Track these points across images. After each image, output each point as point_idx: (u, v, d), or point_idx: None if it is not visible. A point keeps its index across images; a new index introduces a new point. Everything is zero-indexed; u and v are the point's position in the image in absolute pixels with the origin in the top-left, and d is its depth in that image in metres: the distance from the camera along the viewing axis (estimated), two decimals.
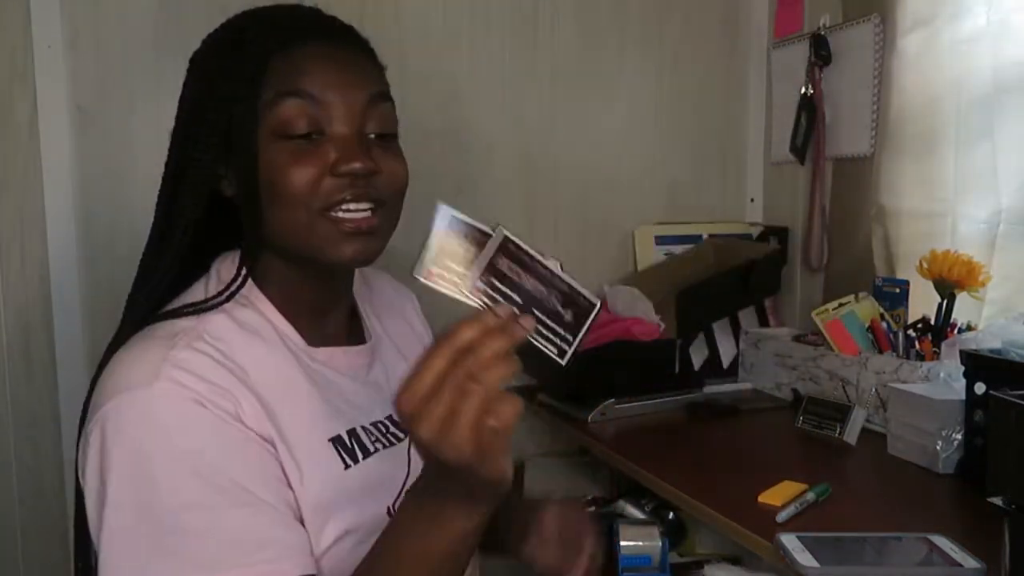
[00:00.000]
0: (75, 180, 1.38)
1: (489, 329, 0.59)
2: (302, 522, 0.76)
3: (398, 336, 0.99)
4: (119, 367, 0.75)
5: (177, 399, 0.72)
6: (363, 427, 0.85)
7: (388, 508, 0.84)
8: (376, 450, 0.85)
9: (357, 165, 0.78)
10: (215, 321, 0.79)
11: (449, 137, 1.60)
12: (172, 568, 0.68)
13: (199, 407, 0.72)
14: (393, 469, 0.86)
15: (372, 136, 0.82)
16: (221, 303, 0.81)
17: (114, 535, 0.70)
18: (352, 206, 0.79)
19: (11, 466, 1.39)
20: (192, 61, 0.85)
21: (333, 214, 0.79)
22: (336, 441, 0.82)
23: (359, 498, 0.81)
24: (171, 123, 1.21)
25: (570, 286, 0.64)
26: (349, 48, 0.83)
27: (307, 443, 0.79)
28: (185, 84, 0.85)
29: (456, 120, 1.60)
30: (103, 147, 1.39)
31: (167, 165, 0.84)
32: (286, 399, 0.78)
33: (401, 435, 0.89)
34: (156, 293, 0.83)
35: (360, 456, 0.83)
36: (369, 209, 0.80)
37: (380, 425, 0.88)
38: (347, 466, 0.81)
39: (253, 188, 0.79)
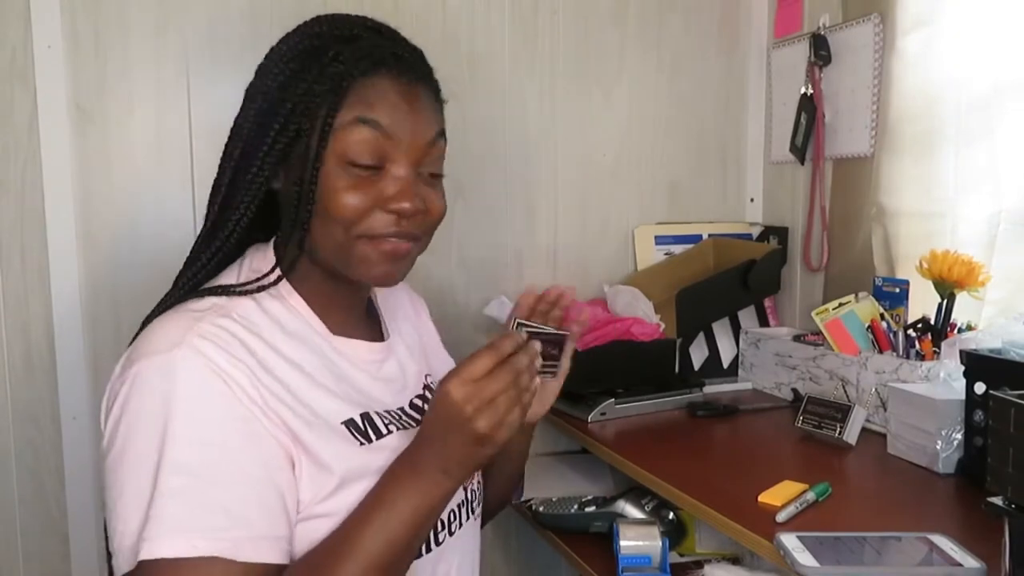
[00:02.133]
0: (75, 180, 1.38)
1: (520, 345, 0.79)
2: (288, 507, 0.79)
3: (408, 338, 1.05)
4: (150, 334, 0.80)
5: (194, 367, 0.76)
6: (376, 412, 0.89)
7: None
8: (390, 431, 0.89)
9: (407, 205, 0.83)
10: (243, 304, 0.84)
11: (449, 138, 1.60)
12: (152, 525, 0.72)
13: (215, 377, 0.76)
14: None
15: (426, 174, 0.87)
16: (252, 291, 0.85)
17: (114, 484, 0.75)
18: (393, 240, 0.85)
19: (11, 466, 1.39)
20: (269, 59, 0.87)
21: (371, 235, 0.84)
22: (349, 424, 0.85)
23: (372, 474, 0.84)
24: (171, 123, 1.21)
25: (555, 333, 0.95)
26: (421, 82, 0.88)
27: (321, 424, 0.82)
28: (259, 77, 0.87)
29: (456, 121, 1.59)
30: (103, 147, 1.39)
31: (228, 153, 0.87)
32: (302, 384, 0.82)
33: (413, 423, 0.94)
34: (201, 275, 0.87)
35: (373, 436, 0.87)
36: (405, 240, 0.86)
37: (394, 412, 0.93)
38: (361, 443, 0.85)
39: (307, 199, 0.83)
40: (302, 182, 0.82)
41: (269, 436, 0.77)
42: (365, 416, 0.87)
